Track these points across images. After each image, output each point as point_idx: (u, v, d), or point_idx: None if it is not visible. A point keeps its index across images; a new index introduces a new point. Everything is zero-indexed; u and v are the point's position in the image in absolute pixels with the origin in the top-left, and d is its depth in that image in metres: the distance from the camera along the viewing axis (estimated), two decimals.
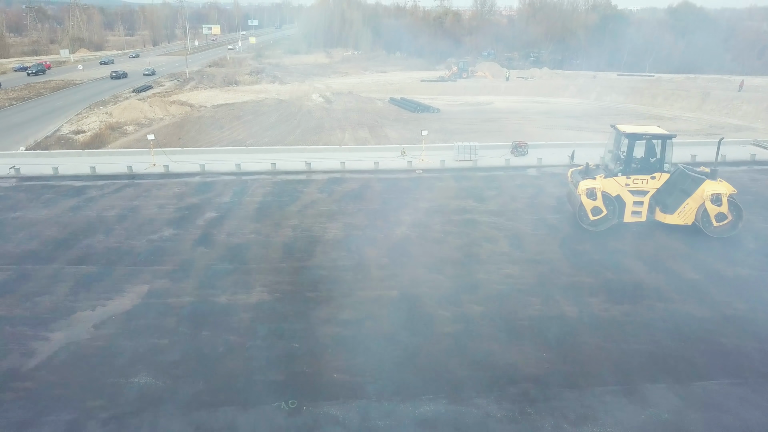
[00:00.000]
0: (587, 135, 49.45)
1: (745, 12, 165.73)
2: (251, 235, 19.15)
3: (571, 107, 71.19)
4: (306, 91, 79.82)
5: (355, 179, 26.01)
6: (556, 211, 21.32)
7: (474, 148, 28.93)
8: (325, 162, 28.87)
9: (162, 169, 27.70)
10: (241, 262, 17.11)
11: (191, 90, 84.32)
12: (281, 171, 27.47)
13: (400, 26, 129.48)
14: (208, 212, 21.58)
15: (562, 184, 24.26)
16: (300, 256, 17.40)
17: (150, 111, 65.14)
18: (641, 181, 18.95)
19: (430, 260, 16.95)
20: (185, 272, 16.41)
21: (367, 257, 17.25)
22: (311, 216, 20.99)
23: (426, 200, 22.74)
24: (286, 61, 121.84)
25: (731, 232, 18.54)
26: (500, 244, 18.24)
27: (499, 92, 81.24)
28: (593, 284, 15.38)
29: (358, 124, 58.11)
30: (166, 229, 19.89)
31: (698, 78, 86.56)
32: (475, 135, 49.55)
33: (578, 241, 18.45)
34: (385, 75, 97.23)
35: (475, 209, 21.55)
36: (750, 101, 67.68)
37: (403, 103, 69.03)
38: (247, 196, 23.48)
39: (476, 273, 16.11)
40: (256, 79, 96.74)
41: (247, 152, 32.09)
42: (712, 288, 15.12)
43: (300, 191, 24.18)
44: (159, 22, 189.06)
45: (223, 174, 27.07)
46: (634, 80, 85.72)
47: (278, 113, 64.59)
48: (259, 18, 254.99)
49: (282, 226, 19.94)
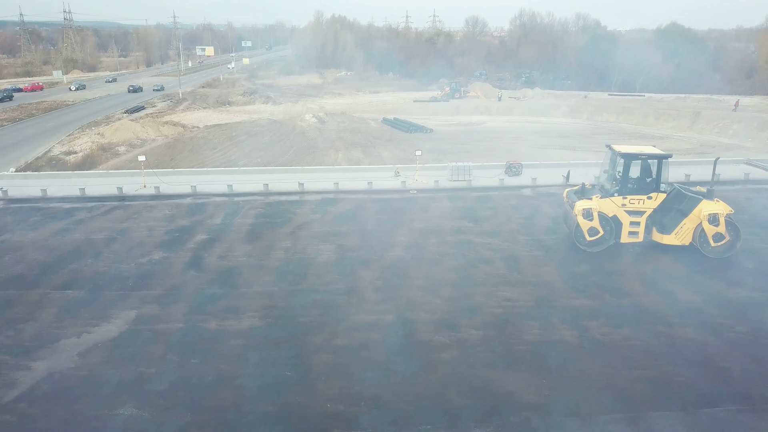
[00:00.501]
0: (580, 154, 49.59)
1: (732, 33, 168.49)
2: (243, 258, 18.77)
3: (563, 127, 71.52)
4: (299, 112, 79.85)
5: (348, 200, 25.74)
6: (552, 232, 21.08)
7: (468, 168, 28.77)
8: (318, 182, 28.60)
9: (153, 190, 27.34)
10: (232, 286, 16.71)
11: (184, 110, 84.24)
12: (274, 192, 27.17)
13: (392, 47, 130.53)
14: (198, 234, 21.20)
15: (558, 205, 24.08)
16: (292, 280, 17.03)
17: (142, 131, 64.85)
18: (638, 202, 18.76)
19: (425, 282, 16.62)
20: (174, 297, 15.99)
21: (362, 280, 16.90)
22: (304, 238, 20.64)
23: (420, 221, 22.47)
24: (279, 82, 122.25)
25: (729, 252, 18.34)
26: (496, 265, 17.94)
27: (492, 112, 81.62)
28: (592, 307, 15.07)
29: (351, 144, 58.04)
30: (155, 252, 19.48)
31: (688, 98, 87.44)
32: (468, 155, 49.55)
33: (575, 262, 18.17)
34: (377, 95, 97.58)
35: (470, 230, 21.28)
36: (740, 120, 68.24)
37: (396, 123, 69.14)
38: (238, 218, 23.13)
39: (473, 296, 15.77)
40: (249, 100, 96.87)
41: (239, 173, 31.80)
42: (713, 310, 14.84)
43: (293, 212, 23.86)
44: (153, 44, 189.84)
45: (215, 195, 26.72)
46: (625, 100, 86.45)
47: (271, 133, 64.47)
48: (252, 39, 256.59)
49: (274, 249, 19.57)
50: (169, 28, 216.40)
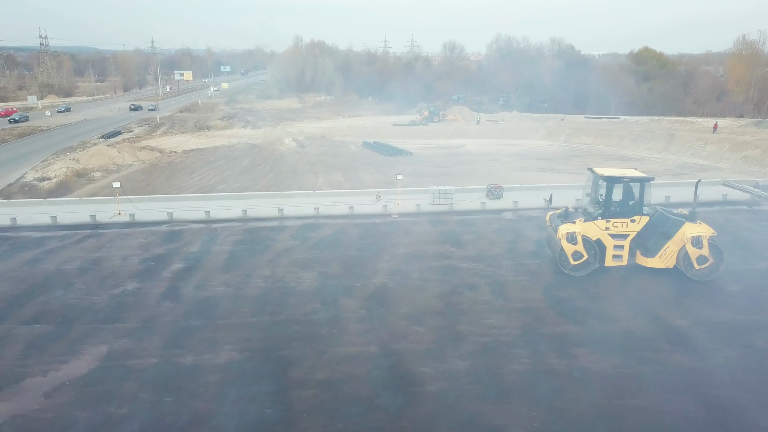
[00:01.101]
0: (560, 177, 49.91)
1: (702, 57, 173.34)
2: (220, 288, 18.17)
3: (541, 149, 72.21)
4: (279, 136, 79.59)
5: (329, 225, 25.31)
6: (535, 256, 20.86)
7: (449, 192, 28.60)
8: (298, 207, 28.15)
9: (128, 217, 26.62)
10: (209, 317, 16.09)
11: (162, 135, 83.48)
12: (253, 218, 26.63)
13: (371, 72, 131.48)
14: (175, 263, 20.54)
15: (540, 228, 23.93)
16: (272, 310, 16.47)
17: (119, 157, 63.94)
18: (621, 225, 18.66)
19: (410, 311, 16.19)
20: (148, 330, 15.32)
21: (344, 309, 16.41)
22: (284, 265, 20.11)
23: (403, 246, 22.11)
24: (258, 106, 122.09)
25: (713, 275, 18.26)
26: (481, 291, 17.60)
27: (471, 135, 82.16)
28: (580, 334, 14.77)
29: (331, 168, 57.82)
30: (129, 282, 18.78)
31: (662, 120, 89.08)
32: (448, 178, 49.56)
33: (560, 287, 17.92)
34: (357, 119, 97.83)
35: (453, 255, 20.97)
36: (714, 142, 69.58)
37: (376, 146, 69.20)
38: (216, 245, 22.53)
39: (458, 324, 15.38)
40: (228, 124, 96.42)
41: (217, 199, 31.21)
42: (700, 335, 14.64)
43: (272, 239, 23.34)
44: (130, 69, 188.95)
45: (192, 222, 26.08)
46: (601, 123, 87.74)
47: (250, 158, 64.03)
48: (231, 64, 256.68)
49: (253, 277, 19.00)
50: (147, 53, 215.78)
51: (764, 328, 14.89)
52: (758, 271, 19.10)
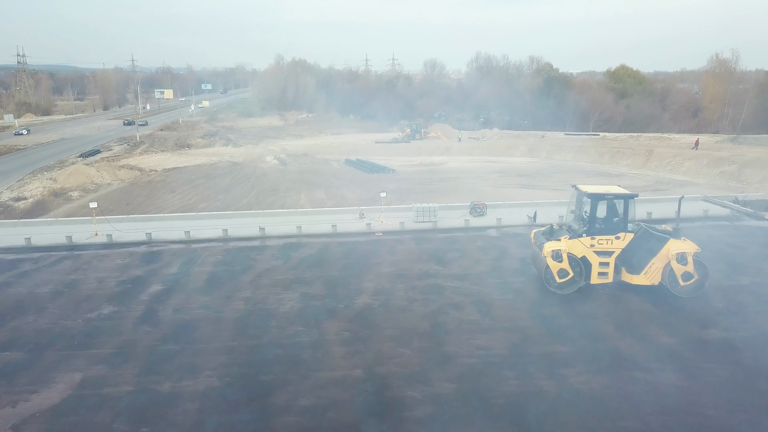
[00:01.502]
0: (542, 193, 50.16)
1: (677, 75, 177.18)
2: (200, 311, 17.65)
3: (523, 166, 72.75)
4: (260, 154, 79.22)
5: (312, 244, 24.93)
6: (520, 274, 20.68)
7: (433, 209, 28.43)
8: (280, 226, 27.74)
9: (105, 238, 25.97)
10: (188, 341, 15.58)
11: (141, 154, 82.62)
12: (233, 237, 26.16)
13: (353, 90, 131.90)
14: (153, 285, 19.98)
15: (525, 245, 23.77)
16: (253, 333, 16.00)
17: (97, 176, 63.01)
18: (606, 242, 18.57)
19: (395, 332, 15.84)
20: (125, 356, 14.76)
21: (327, 331, 16.01)
22: (265, 286, 19.66)
23: (387, 265, 21.79)
24: (240, 124, 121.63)
25: (698, 291, 18.22)
26: (467, 311, 17.32)
27: (453, 152, 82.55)
28: (568, 353, 14.53)
29: (314, 186, 57.53)
30: (105, 306, 18.18)
31: (641, 136, 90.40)
32: (431, 195, 49.54)
33: (547, 305, 17.72)
34: (339, 137, 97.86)
35: (438, 273, 20.70)
36: (691, 158, 70.70)
37: (359, 164, 69.15)
38: (196, 266, 22.01)
39: (445, 345, 15.06)
40: (209, 142, 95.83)
41: (197, 218, 30.65)
42: (689, 353, 14.49)
43: (253, 259, 22.88)
44: (110, 87, 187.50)
45: (171, 242, 25.52)
46: (580, 139, 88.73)
47: (232, 176, 63.50)
48: (213, 82, 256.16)
49: (234, 299, 18.52)
50: (127, 72, 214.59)
51: (752, 345, 14.79)
52: (742, 286, 19.11)
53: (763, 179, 60.68)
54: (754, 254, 22.75)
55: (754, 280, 19.73)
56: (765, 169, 62.23)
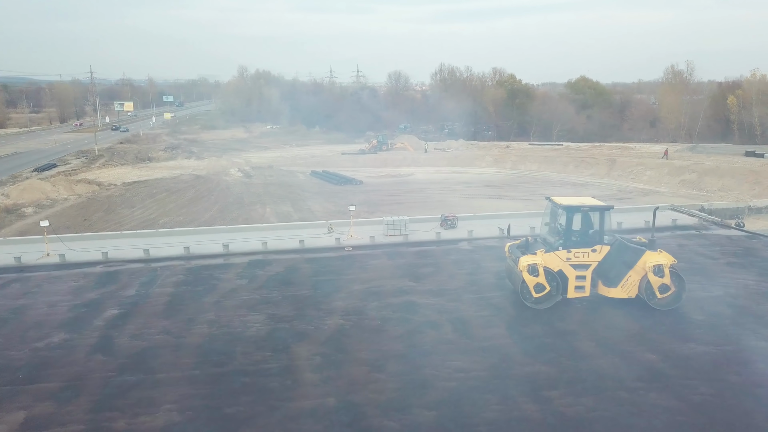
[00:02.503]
0: (509, 203, 50.13)
1: (635, 86, 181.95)
2: (159, 336, 16.51)
3: (489, 176, 73.03)
4: (224, 166, 77.71)
5: (279, 261, 23.93)
6: (496, 288, 20.13)
7: (404, 222, 27.79)
8: (245, 242, 26.64)
9: (57, 258, 24.45)
10: (146, 371, 14.44)
11: (100, 168, 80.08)
12: (196, 255, 24.95)
13: (318, 101, 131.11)
14: (109, 309, 18.70)
15: (498, 259, 23.32)
16: (217, 360, 14.96)
17: (53, 191, 60.52)
18: (582, 255, 18.18)
19: (369, 356, 15.02)
20: (75, 390, 13.55)
21: (297, 357, 15.08)
22: (230, 308, 18.60)
23: (359, 282, 20.97)
24: (203, 137, 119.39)
25: (675, 303, 17.95)
26: (444, 330, 16.63)
27: (419, 164, 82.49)
28: (550, 374, 13.95)
29: (279, 199, 56.40)
30: (55, 333, 16.85)
31: (603, 146, 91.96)
32: (399, 206, 49.04)
33: (525, 322, 17.18)
34: (305, 149, 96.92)
35: (412, 290, 19.99)
36: (653, 167, 72.13)
37: (326, 176, 68.35)
38: (156, 287, 20.77)
39: (422, 368, 14.31)
40: (172, 155, 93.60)
41: (157, 235, 29.26)
42: (672, 370, 14.07)
43: (217, 278, 21.77)
44: (67, 99, 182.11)
45: (130, 261, 24.18)
46: (545, 149, 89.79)
47: (195, 189, 61.87)
48: (174, 94, 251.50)
49: (196, 323, 17.42)
50: (85, 84, 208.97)
51: (734, 360, 14.50)
52: (717, 297, 18.94)
53: (722, 187, 62.27)
54: (726, 264, 22.75)
55: (728, 291, 19.59)
56: (724, 178, 63.87)
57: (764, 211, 33.92)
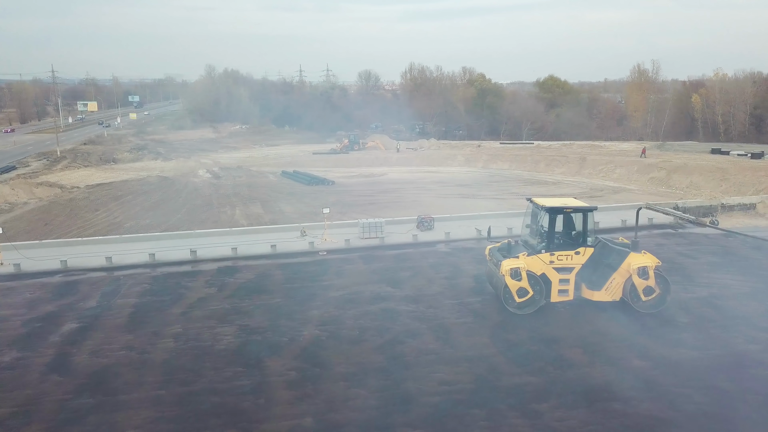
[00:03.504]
0: (483, 203, 49.69)
1: (601, 85, 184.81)
2: (122, 352, 15.37)
3: (461, 176, 72.78)
4: (192, 167, 75.87)
5: (250, 267, 22.90)
6: (477, 293, 19.49)
7: (380, 225, 27.01)
8: (214, 248, 25.54)
9: (11, 268, 22.96)
10: (106, 392, 13.33)
11: (63, 170, 77.36)
12: (162, 262, 23.75)
13: (288, 101, 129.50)
14: (67, 323, 17.45)
15: (477, 261, 22.73)
16: (185, 378, 13.92)
17: (12, 195, 58.10)
18: (566, 258, 17.64)
19: (348, 369, 14.17)
20: (26, 417, 12.37)
21: (271, 372, 14.14)
22: (198, 319, 17.54)
23: (335, 288, 20.09)
24: (170, 137, 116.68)
25: (660, 306, 17.56)
26: (426, 339, 15.88)
27: (392, 163, 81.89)
28: (539, 385, 13.31)
29: (249, 200, 55.04)
30: (6, 352, 15.56)
31: (573, 144, 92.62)
32: (373, 207, 48.25)
33: (508, 328, 16.55)
34: (276, 149, 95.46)
35: (391, 296, 19.20)
36: (622, 165, 72.80)
37: (297, 176, 67.19)
38: (119, 298, 19.54)
39: (405, 382, 13.53)
40: (138, 156, 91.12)
41: (120, 241, 27.88)
42: (663, 377, 13.57)
43: (184, 287, 20.63)
44: (28, 99, 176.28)
45: (91, 270, 22.84)
46: (516, 148, 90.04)
47: (162, 191, 60.05)
48: (141, 94, 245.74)
49: (162, 336, 16.32)
50: (47, 83, 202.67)
51: (725, 366, 14.09)
52: (702, 299, 18.64)
53: (690, 184, 63.09)
54: (706, 263, 22.57)
55: (711, 291, 19.34)
56: (692, 175, 64.71)
57: (736, 208, 34.12)
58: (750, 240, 26.34)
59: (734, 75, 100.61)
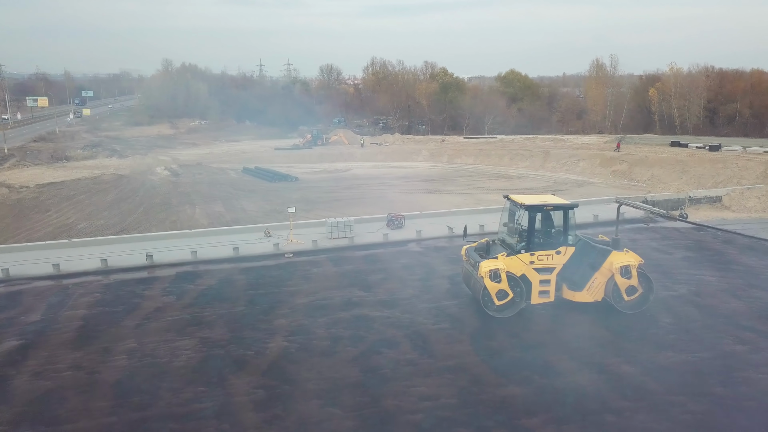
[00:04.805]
0: (449, 198, 49.08)
1: (560, 80, 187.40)
2: (68, 373, 13.87)
3: (426, 171, 72.19)
4: (149, 165, 73.12)
5: (211, 272, 21.49)
6: (453, 296, 18.59)
7: (348, 224, 25.89)
8: (172, 251, 24.00)
9: None
10: (49, 422, 11.87)
11: (10, 168, 73.44)
12: (115, 268, 22.11)
13: (249, 96, 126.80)
14: (6, 340, 15.78)
15: (451, 261, 21.89)
16: (139, 402, 12.55)
17: None
18: (546, 257, 16.87)
19: (320, 386, 13.03)
20: None
21: (236, 391, 12.90)
22: (155, 332, 16.11)
23: (303, 294, 18.90)
24: (126, 134, 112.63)
25: (643, 305, 17.01)
26: (403, 348, 14.87)
27: (356, 159, 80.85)
28: (527, 397, 12.46)
29: (210, 198, 53.10)
30: None
31: (536, 138, 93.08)
32: (338, 203, 47.12)
33: (489, 334, 15.69)
34: (237, 145, 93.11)
35: (363, 301, 18.12)
36: (585, 158, 73.36)
37: (259, 172, 65.40)
38: (66, 310, 17.91)
39: (383, 398, 12.48)
40: (92, 154, 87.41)
41: (70, 246, 25.96)
42: (655, 385, 12.90)
43: (140, 296, 19.11)
44: None
45: (36, 279, 21.05)
46: (480, 143, 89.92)
47: (117, 190, 57.52)
48: (95, 89, 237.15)
49: (113, 353, 14.86)
50: None
51: (715, 369, 13.52)
52: (683, 297, 18.19)
53: (651, 177, 63.89)
54: (681, 259, 22.24)
55: (690, 288, 18.93)
56: (653, 168, 65.56)
57: (703, 201, 34.24)
58: (721, 233, 26.28)
59: (688, 69, 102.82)
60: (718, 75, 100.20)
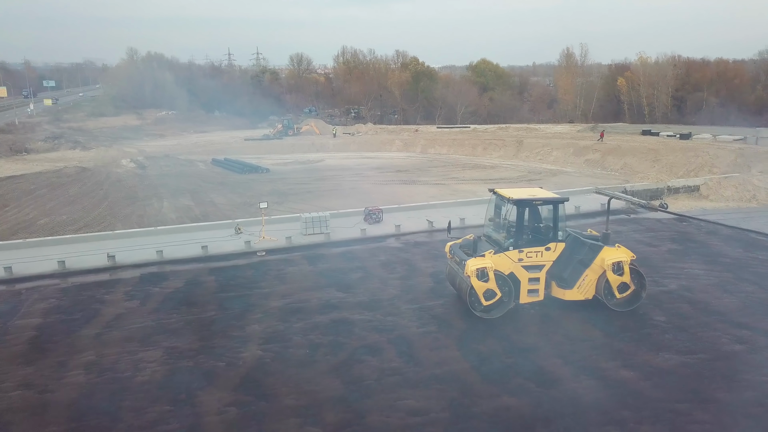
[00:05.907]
0: (424, 189, 48.24)
1: (530, 69, 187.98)
2: (17, 392, 12.50)
3: (400, 161, 71.33)
4: (114, 157, 70.60)
5: (178, 274, 20.15)
6: (437, 295, 17.65)
7: (324, 219, 24.73)
8: (136, 251, 22.54)
9: None
10: None
11: None
12: (74, 270, 20.58)
13: (217, 85, 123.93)
14: None
15: (432, 257, 20.99)
16: (97, 424, 11.29)
17: None
18: (536, 255, 16.04)
19: (299, 401, 11.94)
20: None
21: (205, 409, 11.72)
22: (116, 342, 14.78)
23: (278, 296, 17.74)
24: (90, 125, 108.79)
25: (635, 303, 16.32)
26: (387, 355, 13.86)
27: (328, 149, 79.56)
28: (521, 408, 11.58)
29: (177, 191, 51.23)
30: None
31: (509, 128, 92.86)
32: (311, 195, 45.90)
33: (477, 337, 14.79)
34: (206, 135, 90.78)
35: (342, 303, 17.05)
36: (558, 148, 73.37)
37: (228, 164, 63.62)
38: (17, 319, 16.42)
39: (368, 413, 11.46)
40: (53, 146, 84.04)
41: (24, 246, 24.19)
42: (656, 391, 12.14)
43: (100, 301, 17.69)
44: None
45: None
46: (453, 132, 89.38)
47: (80, 184, 55.16)
48: (56, 79, 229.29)
49: (69, 368, 13.50)
50: None
51: (717, 372, 12.85)
52: (673, 293, 17.58)
53: (623, 166, 64.07)
54: (668, 252, 21.71)
55: (680, 283, 18.34)
56: (625, 156, 65.73)
57: (682, 191, 34.02)
58: (703, 224, 25.91)
59: (656, 58, 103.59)
60: (685, 64, 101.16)
